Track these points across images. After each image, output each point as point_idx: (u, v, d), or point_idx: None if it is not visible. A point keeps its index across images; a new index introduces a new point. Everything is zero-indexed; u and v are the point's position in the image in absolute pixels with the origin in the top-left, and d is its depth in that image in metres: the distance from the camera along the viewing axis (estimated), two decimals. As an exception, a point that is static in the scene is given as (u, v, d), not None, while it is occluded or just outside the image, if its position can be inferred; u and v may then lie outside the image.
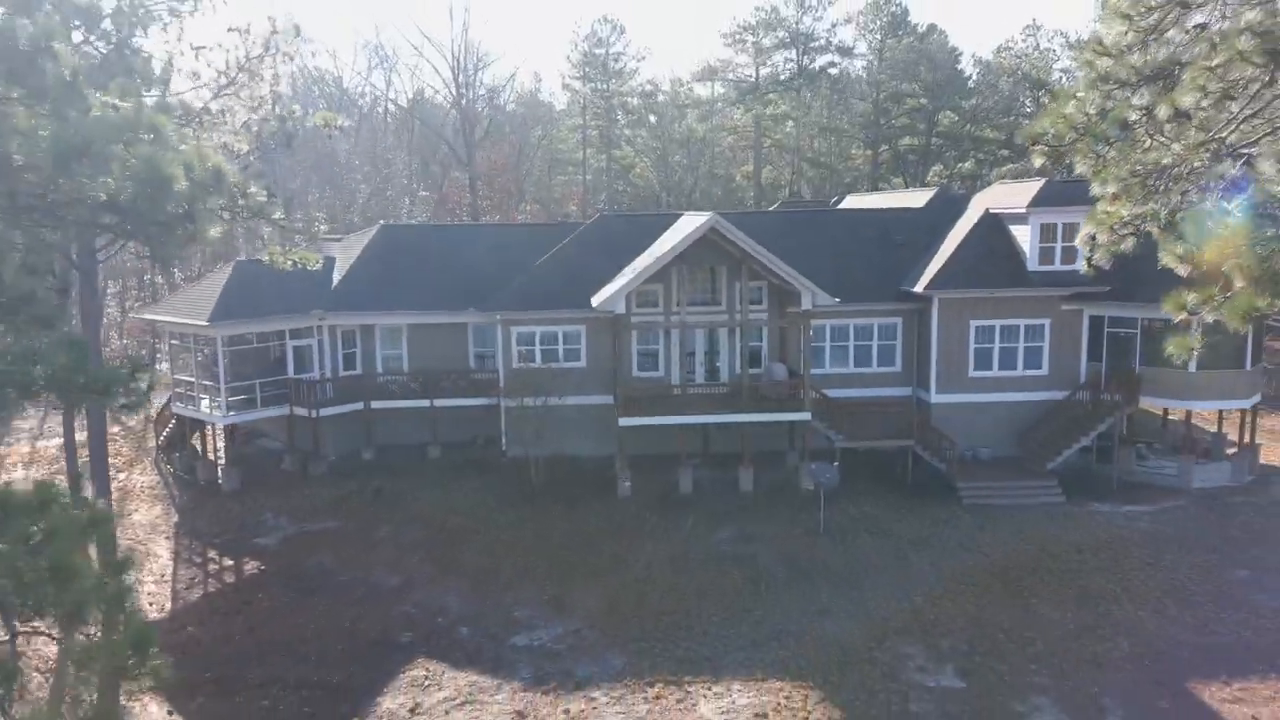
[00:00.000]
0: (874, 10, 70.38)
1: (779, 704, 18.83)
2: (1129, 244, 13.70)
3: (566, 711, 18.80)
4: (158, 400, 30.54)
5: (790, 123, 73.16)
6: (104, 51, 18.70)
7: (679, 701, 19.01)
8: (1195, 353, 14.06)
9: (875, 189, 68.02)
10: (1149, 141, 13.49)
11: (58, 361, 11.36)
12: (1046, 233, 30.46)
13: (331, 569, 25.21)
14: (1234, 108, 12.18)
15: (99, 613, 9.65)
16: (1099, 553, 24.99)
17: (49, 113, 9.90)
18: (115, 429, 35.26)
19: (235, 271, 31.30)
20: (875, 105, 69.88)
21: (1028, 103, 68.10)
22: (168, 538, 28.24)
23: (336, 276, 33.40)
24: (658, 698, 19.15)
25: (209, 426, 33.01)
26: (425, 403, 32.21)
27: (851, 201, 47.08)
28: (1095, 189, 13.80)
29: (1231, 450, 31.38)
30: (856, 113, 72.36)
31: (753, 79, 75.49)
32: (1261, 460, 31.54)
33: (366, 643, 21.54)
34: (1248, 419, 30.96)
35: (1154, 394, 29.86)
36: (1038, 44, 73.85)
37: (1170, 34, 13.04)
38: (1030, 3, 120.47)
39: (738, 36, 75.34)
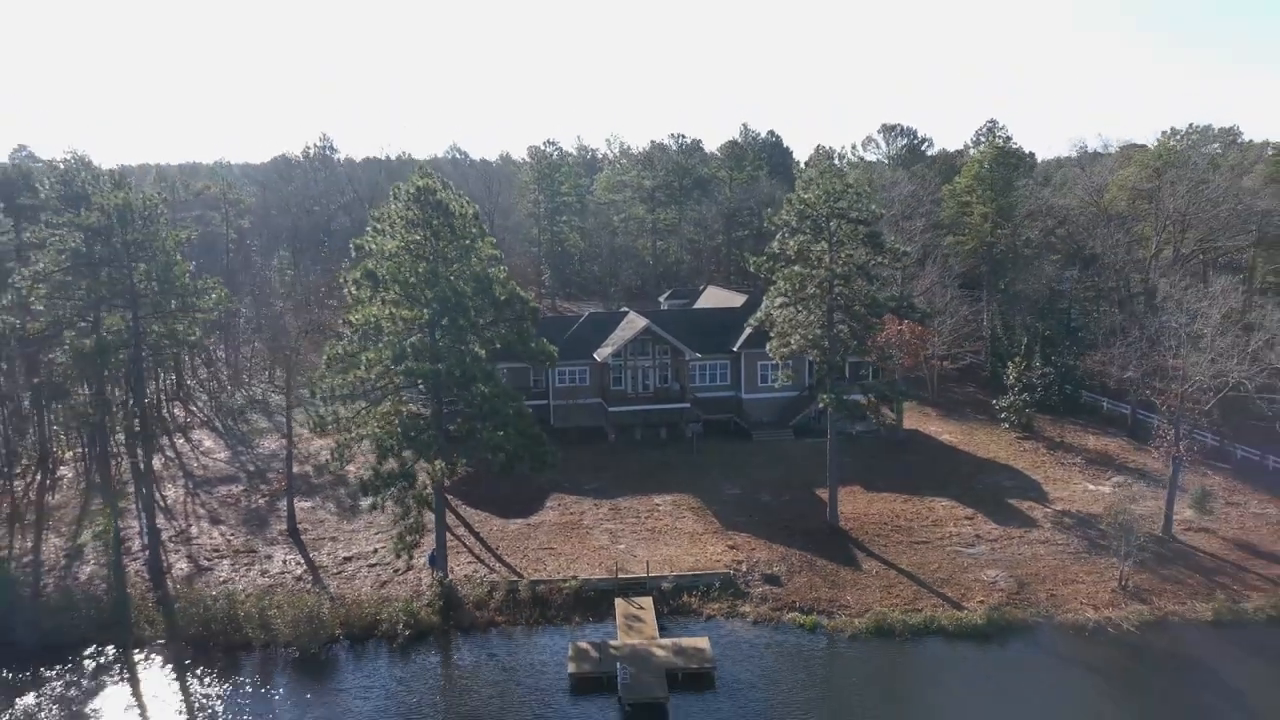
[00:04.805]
0: (728, 151, 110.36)
1: (680, 500, 57.19)
2: (779, 355, 52.83)
3: (611, 503, 56.65)
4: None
5: (676, 220, 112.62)
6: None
7: (646, 500, 57.18)
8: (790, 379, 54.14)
9: (732, 256, 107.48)
10: (784, 326, 52.75)
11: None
12: (790, 323, 69.92)
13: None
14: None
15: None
16: (799, 454, 64.48)
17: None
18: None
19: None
20: (728, 210, 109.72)
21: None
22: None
23: (467, 345, 70.06)
24: (640, 499, 57.26)
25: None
26: (513, 403, 69.18)
27: (710, 292, 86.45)
28: (771, 334, 53.08)
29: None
30: (718, 213, 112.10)
31: (650, 187, 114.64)
32: (906, 425, 71.53)
33: (530, 493, 58.68)
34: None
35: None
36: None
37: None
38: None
39: (638, 159, 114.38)
